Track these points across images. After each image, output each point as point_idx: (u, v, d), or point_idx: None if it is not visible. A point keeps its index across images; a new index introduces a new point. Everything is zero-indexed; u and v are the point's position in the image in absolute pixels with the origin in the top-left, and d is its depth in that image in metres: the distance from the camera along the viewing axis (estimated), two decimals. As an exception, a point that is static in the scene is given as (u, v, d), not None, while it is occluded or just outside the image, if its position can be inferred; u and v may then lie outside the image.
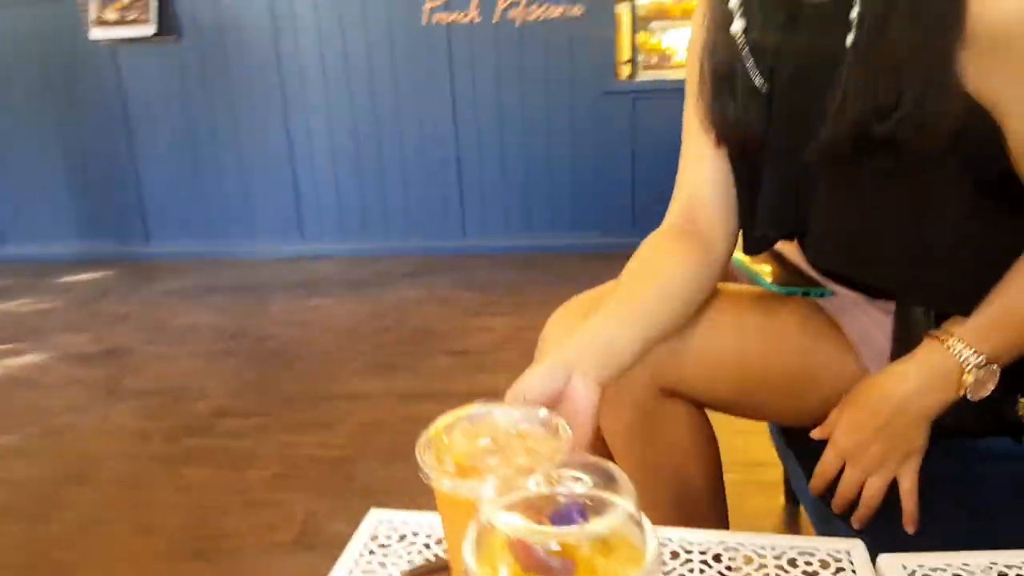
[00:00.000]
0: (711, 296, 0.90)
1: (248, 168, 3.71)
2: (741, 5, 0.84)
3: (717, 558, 0.70)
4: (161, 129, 3.70)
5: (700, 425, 0.96)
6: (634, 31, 3.30)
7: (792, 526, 1.64)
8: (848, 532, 0.88)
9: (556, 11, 3.19)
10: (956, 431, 0.82)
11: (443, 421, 0.63)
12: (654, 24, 3.48)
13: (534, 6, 3.20)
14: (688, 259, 0.87)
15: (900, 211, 0.78)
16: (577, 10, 3.18)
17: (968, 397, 0.76)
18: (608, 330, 0.79)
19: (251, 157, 3.68)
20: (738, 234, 0.94)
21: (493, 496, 0.50)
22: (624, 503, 0.47)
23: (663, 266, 0.87)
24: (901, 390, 0.78)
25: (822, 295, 0.94)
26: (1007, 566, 0.66)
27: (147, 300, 3.28)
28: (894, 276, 0.82)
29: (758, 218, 0.88)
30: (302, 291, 3.24)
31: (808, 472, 0.97)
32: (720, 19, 0.86)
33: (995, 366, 0.75)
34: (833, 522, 0.90)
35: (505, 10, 3.22)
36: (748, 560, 0.70)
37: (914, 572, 0.66)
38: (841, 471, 0.83)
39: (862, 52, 0.74)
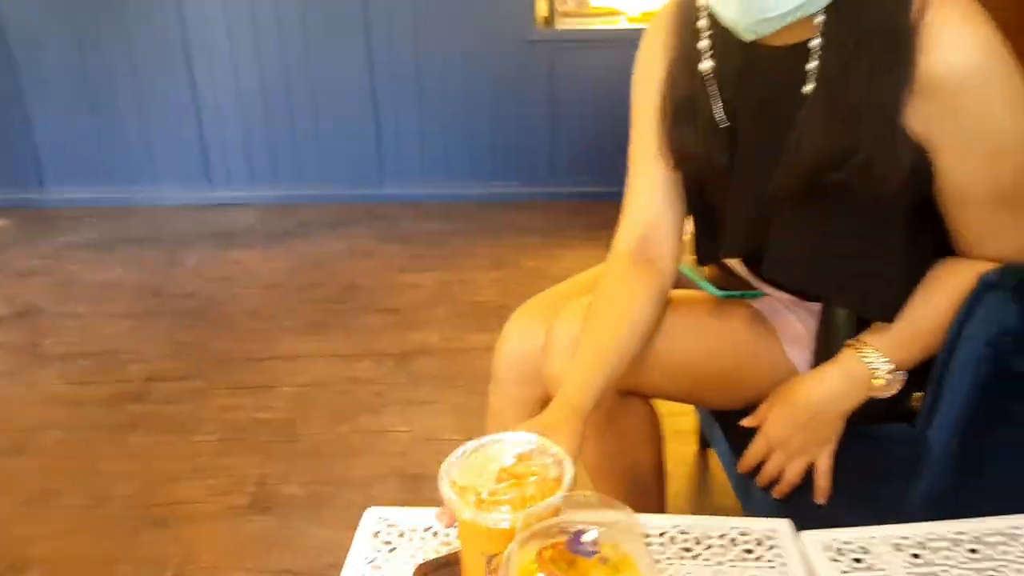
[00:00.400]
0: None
1: (148, 110, 3.55)
2: (711, 47, 0.91)
3: (673, 539, 0.84)
4: (49, 65, 3.48)
5: (651, 417, 1.10)
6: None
7: (703, 469, 1.84)
8: (768, 501, 1.05)
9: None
10: (864, 419, 0.99)
11: (459, 451, 0.73)
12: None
13: (452, -48, 3.18)
14: (649, 287, 0.99)
15: (848, 236, 0.90)
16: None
17: (877, 397, 0.91)
18: (601, 379, 0.90)
19: (150, 97, 3.53)
20: (682, 250, 1.06)
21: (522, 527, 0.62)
22: (632, 524, 0.60)
23: (631, 302, 0.98)
24: (823, 392, 0.92)
25: (755, 296, 1.08)
26: (903, 537, 0.82)
27: (51, 253, 3.17)
28: (834, 288, 0.94)
29: (722, 241, 0.99)
30: (217, 243, 3.20)
31: (735, 446, 1.12)
32: (686, 56, 0.94)
33: (901, 372, 0.90)
34: (753, 493, 1.07)
35: (417, -46, 3.19)
36: (698, 540, 0.84)
37: (830, 544, 0.82)
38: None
39: (818, 103, 0.83)
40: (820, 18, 0.81)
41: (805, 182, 0.85)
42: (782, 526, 0.85)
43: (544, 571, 0.59)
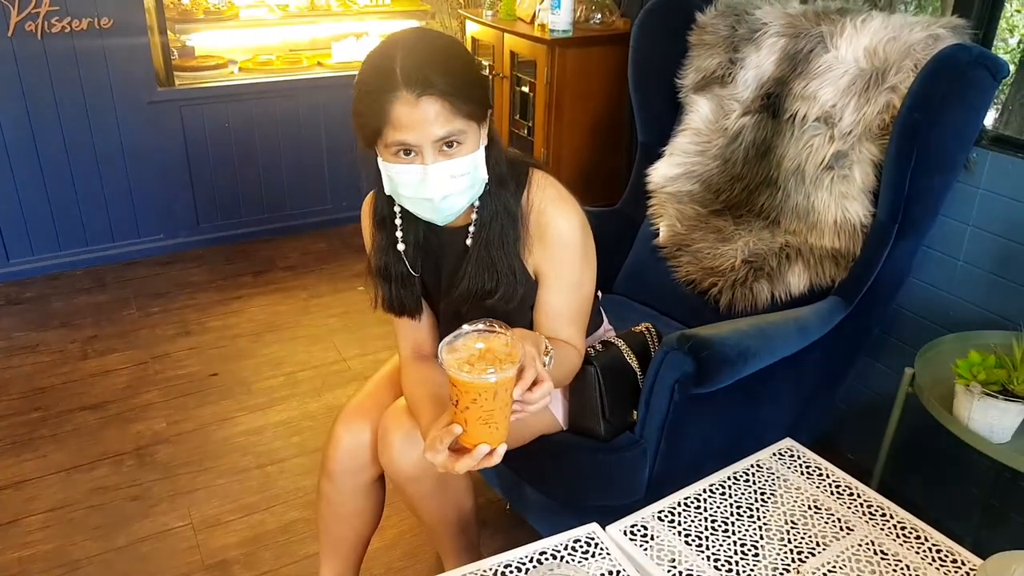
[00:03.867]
0: None
1: None
2: (403, 233, 1.38)
3: (533, 560, 1.27)
4: None
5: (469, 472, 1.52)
6: (164, 37, 3.32)
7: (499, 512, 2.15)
8: (537, 500, 1.54)
9: (82, 24, 3.05)
10: (606, 439, 1.52)
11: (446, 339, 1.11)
12: (179, 27, 3.54)
13: (55, 20, 3.01)
14: (436, 369, 1.43)
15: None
16: (106, 22, 3.08)
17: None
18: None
19: None
20: None
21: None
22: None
23: (428, 379, 1.43)
24: None
25: None
26: (660, 511, 1.35)
27: None
28: None
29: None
30: None
31: (503, 474, 1.60)
32: (385, 238, 1.40)
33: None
34: (529, 497, 1.55)
35: (21, 23, 2.95)
36: (552, 555, 1.28)
37: (625, 529, 1.32)
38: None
39: (472, 257, 1.35)
40: (477, 203, 1.33)
41: (466, 303, 1.38)
42: (594, 528, 1.32)
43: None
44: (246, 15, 3.66)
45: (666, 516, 1.34)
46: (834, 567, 1.24)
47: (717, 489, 1.40)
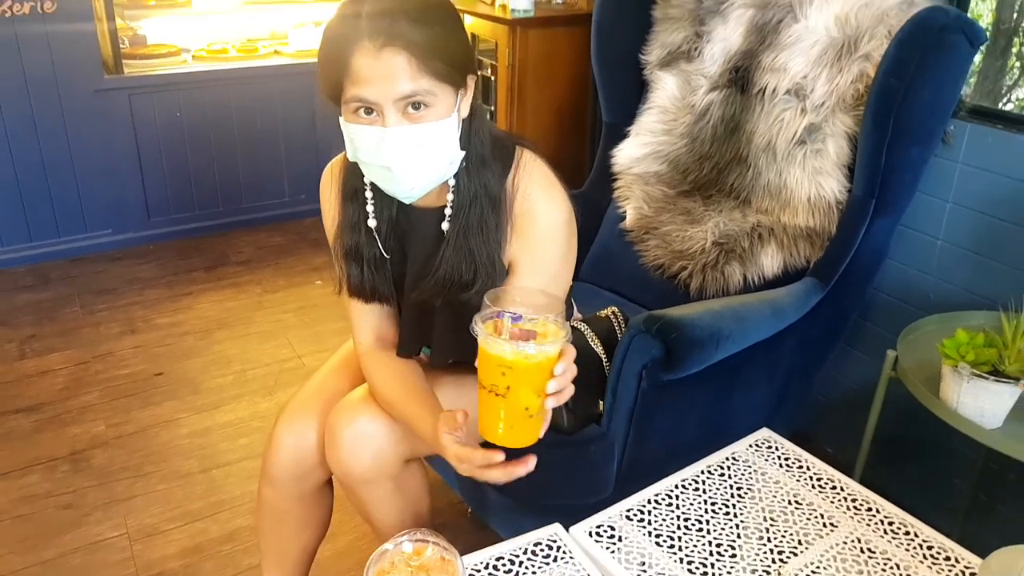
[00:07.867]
0: None
1: None
2: (374, 208, 1.24)
3: (489, 566, 1.15)
4: None
5: (424, 471, 1.40)
6: (112, 23, 3.15)
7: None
8: (499, 502, 1.41)
9: (24, 8, 2.87)
10: (570, 432, 1.40)
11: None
12: (128, 14, 3.37)
13: (-7, 3, 2.85)
14: (405, 362, 1.32)
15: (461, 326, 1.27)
16: (49, 6, 2.91)
17: None
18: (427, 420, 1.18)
19: None
20: None
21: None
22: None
23: (403, 371, 1.30)
24: None
25: None
26: (627, 509, 1.24)
27: None
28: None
29: (399, 343, 1.35)
30: None
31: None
32: (354, 213, 1.25)
33: None
34: (489, 495, 1.43)
35: (-46, 7, 2.79)
36: (511, 559, 1.16)
37: (590, 530, 1.20)
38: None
39: (450, 244, 1.21)
40: (452, 182, 1.19)
41: (438, 296, 1.24)
42: (556, 529, 1.21)
43: None
44: (199, 4, 3.51)
45: (635, 515, 1.23)
46: (818, 567, 1.14)
47: (690, 484, 1.29)
